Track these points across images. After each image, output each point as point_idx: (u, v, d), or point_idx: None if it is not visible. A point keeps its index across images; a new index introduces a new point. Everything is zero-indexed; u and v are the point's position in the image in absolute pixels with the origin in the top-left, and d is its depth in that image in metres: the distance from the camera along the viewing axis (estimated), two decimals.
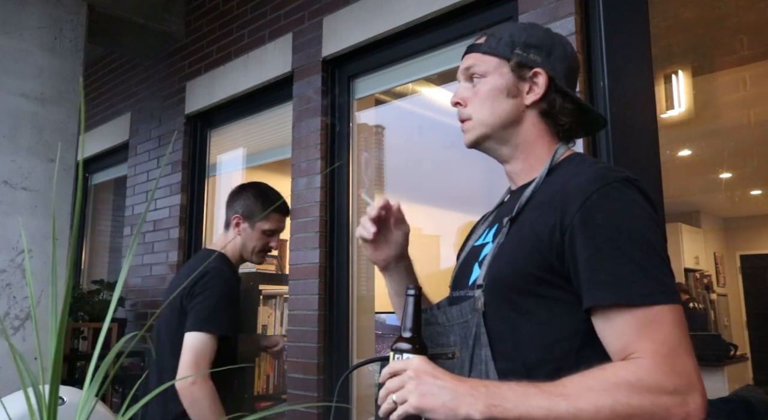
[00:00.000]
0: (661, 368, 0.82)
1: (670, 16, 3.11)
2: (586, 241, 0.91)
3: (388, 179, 3.21)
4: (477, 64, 1.13)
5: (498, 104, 1.11)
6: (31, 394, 0.61)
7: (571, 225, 0.92)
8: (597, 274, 0.89)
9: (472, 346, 1.01)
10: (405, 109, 3.16)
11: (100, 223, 5.30)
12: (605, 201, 0.92)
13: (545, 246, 0.95)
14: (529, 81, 1.10)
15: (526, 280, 0.97)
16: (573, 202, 0.93)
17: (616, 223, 0.90)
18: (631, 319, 0.86)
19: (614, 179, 0.94)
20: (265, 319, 4.04)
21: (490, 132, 1.12)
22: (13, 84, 2.88)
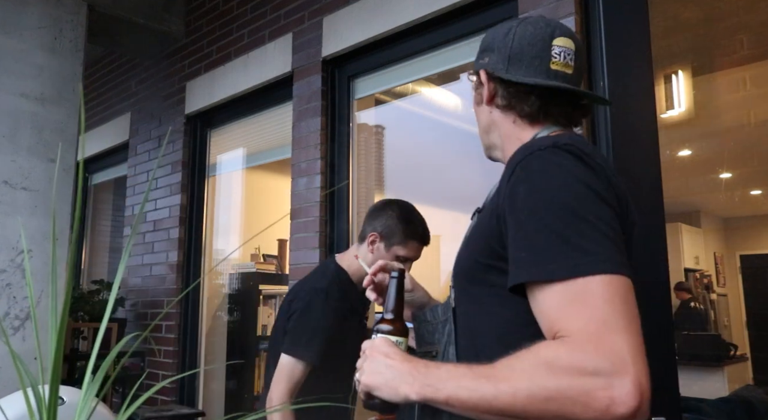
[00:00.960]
0: (584, 347, 0.72)
1: (670, 16, 3.11)
2: (511, 217, 0.86)
3: (388, 179, 3.21)
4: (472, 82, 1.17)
5: (478, 115, 1.15)
6: (31, 395, 0.61)
7: (502, 205, 0.89)
8: (518, 252, 0.83)
9: (445, 343, 1.02)
10: (405, 109, 3.16)
11: (100, 223, 5.30)
12: (526, 172, 0.87)
13: (489, 231, 0.92)
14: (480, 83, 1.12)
15: (476, 268, 0.95)
16: (503, 181, 0.92)
17: (536, 194, 0.84)
18: (554, 295, 0.78)
19: (538, 147, 0.88)
20: (265, 319, 4.04)
21: (484, 142, 1.16)
22: (13, 84, 2.89)
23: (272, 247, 4.46)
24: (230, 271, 4.17)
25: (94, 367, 0.67)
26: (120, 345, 0.65)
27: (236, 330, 3.96)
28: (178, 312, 3.67)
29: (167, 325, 3.69)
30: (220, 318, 3.96)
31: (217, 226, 3.89)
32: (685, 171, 5.82)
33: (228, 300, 4.06)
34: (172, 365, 3.62)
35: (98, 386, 0.65)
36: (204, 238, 3.76)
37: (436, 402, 0.82)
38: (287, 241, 3.30)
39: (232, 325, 3.96)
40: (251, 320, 3.96)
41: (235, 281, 4.10)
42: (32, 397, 0.61)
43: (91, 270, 5.16)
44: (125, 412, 0.65)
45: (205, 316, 3.76)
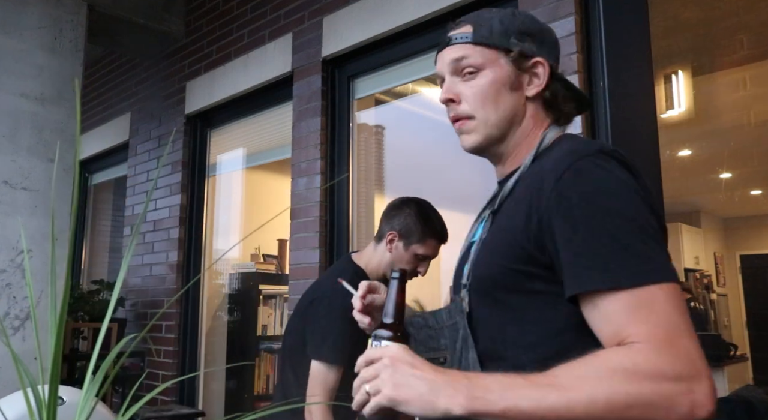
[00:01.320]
0: (661, 352, 0.72)
1: (670, 16, 3.11)
2: (563, 224, 0.83)
3: (388, 179, 3.21)
4: (470, 55, 1.02)
5: (502, 99, 1.01)
6: (31, 395, 0.61)
7: (546, 209, 0.85)
8: (577, 258, 0.81)
9: (460, 349, 0.95)
10: (405, 109, 3.16)
11: (100, 223, 5.30)
12: (578, 177, 0.84)
13: (523, 236, 0.88)
14: (529, 72, 1.02)
15: (508, 275, 0.90)
16: (546, 184, 0.87)
17: (593, 200, 0.82)
18: (620, 303, 0.77)
19: (587, 153, 0.87)
20: (265, 319, 4.04)
21: (497, 132, 1.02)
22: (13, 84, 2.89)
23: (272, 247, 4.46)
24: (230, 271, 4.17)
25: (94, 367, 0.67)
26: (120, 345, 0.65)
27: (236, 330, 3.96)
28: (178, 312, 3.67)
29: (167, 325, 3.69)
30: (220, 318, 3.96)
31: (217, 226, 3.89)
32: (685, 171, 5.82)
33: (228, 300, 4.06)
34: (172, 365, 3.62)
35: (98, 386, 0.65)
36: (204, 238, 3.76)
37: (489, 414, 0.76)
38: (287, 241, 3.29)
39: (232, 325, 3.96)
40: (251, 320, 3.96)
41: (235, 281, 4.10)
42: (32, 397, 0.61)
43: (91, 270, 5.16)
44: (125, 413, 0.65)
45: (205, 316, 3.76)
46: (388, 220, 1.89)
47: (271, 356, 3.95)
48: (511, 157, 1.05)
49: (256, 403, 3.80)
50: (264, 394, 3.86)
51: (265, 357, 3.93)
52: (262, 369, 3.90)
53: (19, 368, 0.62)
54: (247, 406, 3.78)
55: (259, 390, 3.86)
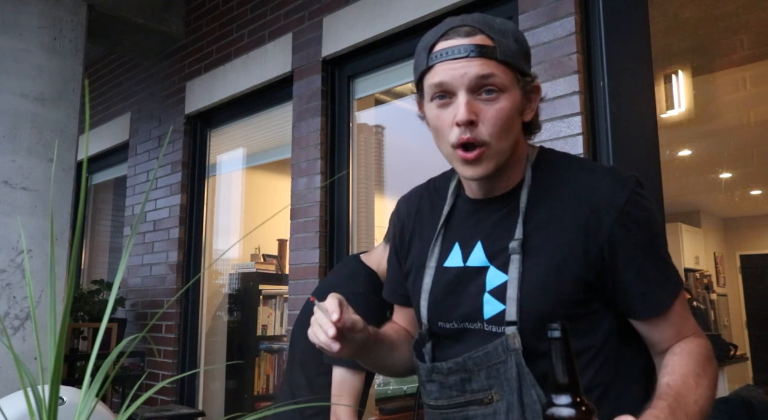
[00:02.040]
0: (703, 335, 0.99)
1: (670, 16, 3.11)
2: (629, 253, 0.94)
3: (388, 179, 3.21)
4: (497, 75, 0.94)
5: (513, 127, 0.98)
6: (31, 395, 0.61)
7: (608, 239, 0.94)
8: (648, 285, 0.95)
9: (518, 387, 0.92)
10: (405, 109, 3.16)
11: (100, 223, 5.30)
12: (637, 210, 0.95)
13: (583, 268, 0.94)
14: (528, 95, 1.00)
15: (569, 307, 0.95)
16: (606, 216, 0.94)
17: (650, 230, 0.96)
18: (679, 308, 0.97)
19: (634, 184, 0.96)
20: (265, 319, 4.04)
21: (503, 160, 0.98)
22: (13, 84, 2.89)
23: (272, 247, 4.46)
24: (230, 271, 4.17)
25: (94, 367, 0.67)
26: (121, 346, 0.66)
27: (236, 330, 3.96)
28: (178, 312, 3.67)
29: (167, 325, 3.69)
30: (220, 318, 3.96)
31: (217, 226, 3.89)
32: (685, 171, 5.82)
33: (228, 300, 4.06)
34: (172, 365, 3.62)
35: (98, 386, 0.65)
36: (204, 238, 3.76)
37: None
38: (287, 241, 3.29)
39: (232, 325, 3.96)
40: (251, 320, 3.96)
41: (235, 281, 4.10)
42: (32, 397, 0.61)
43: (91, 270, 5.16)
44: (125, 412, 0.65)
45: (205, 316, 3.76)
46: None
47: (271, 356, 3.95)
48: (504, 179, 1.03)
49: (256, 403, 3.80)
50: (264, 394, 3.86)
51: (265, 357, 3.93)
52: (262, 369, 3.90)
53: (19, 368, 0.62)
54: (247, 406, 3.78)
55: (259, 390, 3.86)
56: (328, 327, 0.91)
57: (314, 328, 0.94)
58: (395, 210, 1.26)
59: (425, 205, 1.17)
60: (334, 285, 1.84)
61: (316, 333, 0.93)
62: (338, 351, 0.92)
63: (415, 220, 1.18)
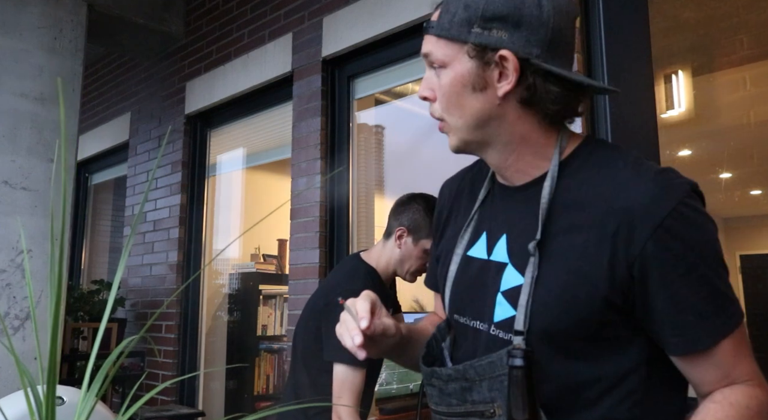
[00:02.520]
0: (763, 385, 0.82)
1: (670, 16, 3.11)
2: (665, 277, 0.78)
3: (388, 179, 3.21)
4: (433, 51, 0.90)
5: (465, 101, 0.88)
6: (31, 395, 0.61)
7: (641, 257, 0.78)
8: (684, 316, 0.79)
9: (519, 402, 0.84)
10: (405, 109, 3.16)
11: (100, 223, 5.30)
12: (681, 225, 0.78)
13: (605, 285, 0.80)
14: (498, 66, 0.86)
15: (584, 328, 0.82)
16: (640, 228, 0.78)
17: (697, 251, 0.78)
18: (728, 347, 0.80)
19: (684, 193, 0.80)
20: (265, 319, 4.04)
21: (468, 137, 0.91)
22: (13, 84, 2.89)
23: (272, 247, 4.46)
24: (230, 271, 4.17)
25: (94, 367, 0.67)
26: (122, 346, 0.66)
27: (236, 330, 3.96)
28: (178, 312, 3.67)
29: (167, 325, 3.69)
30: (220, 318, 3.96)
31: (217, 226, 3.89)
32: (685, 171, 5.77)
33: (228, 300, 4.06)
34: (172, 365, 3.62)
35: (98, 386, 0.65)
36: (204, 238, 3.76)
37: None
38: (287, 241, 3.29)
39: (232, 325, 3.96)
40: (251, 320, 3.96)
41: (235, 281, 4.10)
42: (32, 397, 0.61)
43: (91, 270, 5.16)
44: (125, 413, 0.65)
45: (205, 316, 3.76)
46: (396, 216, 1.87)
47: (271, 356, 3.95)
48: (514, 165, 0.92)
49: (257, 403, 3.80)
50: (264, 394, 3.86)
51: (265, 357, 3.93)
52: (262, 369, 3.90)
53: (19, 368, 0.62)
54: (247, 406, 3.78)
55: (259, 390, 3.86)
56: (355, 333, 0.84)
57: (341, 329, 0.88)
58: (440, 191, 1.16)
59: (466, 187, 1.07)
60: (333, 284, 1.85)
61: (343, 336, 0.87)
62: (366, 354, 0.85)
63: (453, 203, 1.09)
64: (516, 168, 0.92)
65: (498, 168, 0.95)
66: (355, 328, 0.84)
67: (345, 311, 0.89)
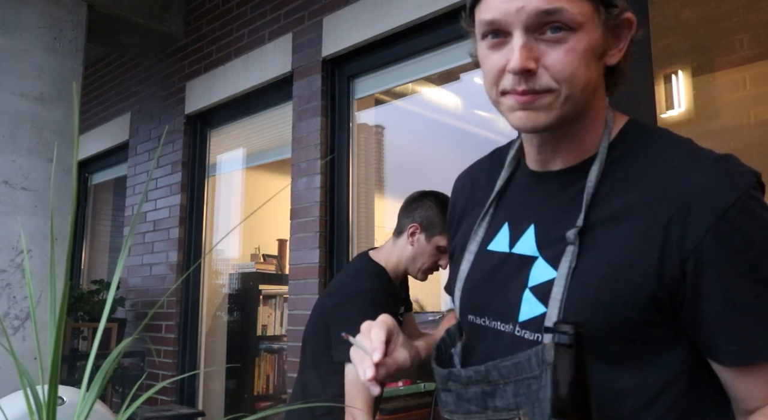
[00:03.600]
0: None
1: (670, 16, 3.12)
2: (722, 275, 0.69)
3: (388, 179, 3.21)
4: (567, 9, 0.72)
5: (592, 71, 0.76)
6: (31, 395, 0.61)
7: (697, 251, 0.69)
8: (742, 321, 0.69)
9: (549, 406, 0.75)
10: (405, 109, 3.16)
11: (100, 223, 5.30)
12: (746, 218, 0.69)
13: (652, 281, 0.70)
14: (613, 32, 0.79)
15: (626, 327, 0.73)
16: (699, 219, 0.69)
17: (760, 248, 0.69)
18: None
19: (749, 183, 0.71)
20: (265, 319, 4.05)
21: (573, 112, 0.77)
22: (13, 84, 2.89)
23: (272, 247, 4.46)
24: (230, 271, 4.17)
25: (93, 367, 0.68)
26: (122, 346, 0.66)
27: (236, 330, 3.96)
28: (177, 312, 3.67)
29: (167, 325, 3.69)
30: (220, 318, 3.96)
31: (217, 226, 3.89)
32: None
33: (228, 300, 4.06)
34: (172, 365, 3.62)
35: (98, 386, 0.65)
36: (204, 238, 3.76)
37: None
38: (287, 241, 3.30)
39: (232, 325, 3.96)
40: (251, 320, 3.96)
41: (235, 281, 4.10)
42: (32, 397, 0.61)
43: (91, 270, 5.16)
44: (125, 412, 0.65)
45: (205, 316, 3.76)
46: (408, 213, 1.86)
47: (270, 356, 3.95)
48: (573, 143, 0.81)
49: (257, 403, 3.80)
50: (264, 394, 3.86)
51: (265, 357, 3.93)
52: (262, 369, 3.90)
53: (19, 368, 0.62)
54: (247, 406, 3.78)
55: (259, 390, 3.86)
56: (366, 366, 0.76)
57: (355, 361, 0.80)
58: (453, 186, 1.04)
59: (482, 179, 0.95)
60: (341, 283, 1.85)
61: (357, 367, 0.79)
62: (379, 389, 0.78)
63: (468, 196, 0.97)
64: (572, 147, 0.81)
65: (554, 150, 0.82)
66: (367, 359, 0.76)
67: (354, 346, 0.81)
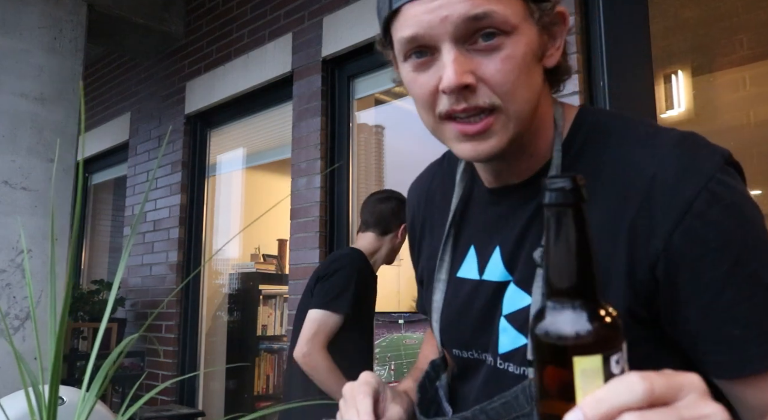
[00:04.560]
0: None
1: (670, 16, 3.12)
2: (699, 277, 0.59)
3: (387, 179, 3.21)
4: (497, 11, 0.61)
5: (533, 77, 0.66)
6: (32, 394, 0.61)
7: (666, 253, 0.60)
8: (730, 327, 0.59)
9: None
10: (405, 109, 3.16)
11: (100, 223, 5.30)
12: (717, 209, 0.59)
13: (627, 293, 0.62)
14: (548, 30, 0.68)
15: None
16: (662, 216, 0.60)
17: (740, 241, 0.59)
18: None
19: (716, 166, 0.60)
20: (265, 319, 4.04)
21: (522, 127, 0.67)
22: (13, 84, 2.89)
23: (272, 247, 4.46)
24: (230, 271, 4.17)
25: (93, 367, 0.68)
26: (122, 345, 0.66)
27: (236, 330, 3.96)
28: (178, 312, 3.67)
29: (167, 325, 3.69)
30: (220, 318, 3.96)
31: (217, 226, 3.89)
32: None
33: (228, 300, 4.06)
34: (172, 365, 3.62)
35: (98, 386, 0.65)
36: (204, 238, 3.76)
37: None
38: (287, 241, 3.30)
39: (232, 325, 3.97)
40: (251, 320, 3.96)
41: (235, 281, 4.10)
42: (33, 396, 0.61)
43: (91, 270, 5.16)
44: (125, 413, 0.65)
45: (205, 316, 3.76)
46: (394, 213, 2.08)
47: (271, 356, 3.95)
48: (525, 155, 0.72)
49: (256, 403, 3.80)
50: (264, 394, 3.86)
51: (265, 357, 3.93)
52: (262, 369, 3.90)
53: (20, 368, 0.62)
54: (247, 406, 3.78)
55: (259, 390, 3.86)
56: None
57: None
58: (407, 199, 0.96)
59: (437, 190, 0.87)
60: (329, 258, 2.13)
61: None
62: None
63: (425, 214, 0.89)
64: (525, 161, 0.72)
65: (506, 166, 0.73)
66: None
67: None
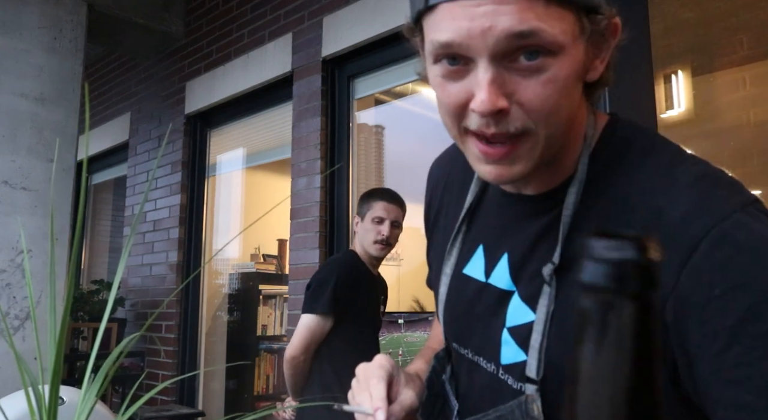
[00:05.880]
0: None
1: (670, 16, 3.12)
2: (706, 326, 0.53)
3: (387, 179, 3.21)
4: (544, 30, 0.54)
5: (573, 99, 0.61)
6: (32, 394, 0.61)
7: (673, 296, 0.54)
8: (741, 389, 0.51)
9: None
10: (405, 109, 3.16)
11: (100, 223, 5.30)
12: (728, 251, 0.53)
13: None
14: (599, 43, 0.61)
15: None
16: (671, 256, 0.54)
17: (753, 291, 0.52)
18: None
19: (735, 207, 0.55)
20: (265, 319, 4.04)
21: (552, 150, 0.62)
22: (13, 84, 2.88)
23: (272, 247, 4.46)
24: (230, 271, 4.17)
25: (93, 367, 0.68)
26: (122, 345, 0.66)
27: (236, 330, 3.96)
28: (178, 312, 3.67)
29: (167, 325, 3.69)
30: (220, 318, 3.96)
31: (217, 226, 3.89)
32: None
33: (228, 300, 4.06)
34: (171, 365, 3.62)
35: (98, 386, 0.65)
36: (204, 238, 3.76)
37: None
38: (287, 241, 3.30)
39: (232, 325, 3.96)
40: (251, 320, 3.96)
41: (235, 281, 4.10)
42: (33, 396, 0.61)
43: (91, 270, 5.16)
44: (125, 413, 0.65)
45: (205, 316, 3.76)
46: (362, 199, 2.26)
47: (270, 356, 3.95)
48: (549, 170, 0.66)
49: (257, 403, 3.80)
50: (264, 394, 3.86)
51: (265, 357, 3.93)
52: (262, 369, 3.90)
53: (20, 368, 0.62)
54: (247, 406, 3.78)
55: (259, 390, 3.86)
56: None
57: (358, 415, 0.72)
58: (428, 175, 0.91)
59: (457, 175, 0.82)
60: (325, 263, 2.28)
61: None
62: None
63: (442, 197, 0.84)
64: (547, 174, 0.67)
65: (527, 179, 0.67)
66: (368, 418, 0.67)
67: None
